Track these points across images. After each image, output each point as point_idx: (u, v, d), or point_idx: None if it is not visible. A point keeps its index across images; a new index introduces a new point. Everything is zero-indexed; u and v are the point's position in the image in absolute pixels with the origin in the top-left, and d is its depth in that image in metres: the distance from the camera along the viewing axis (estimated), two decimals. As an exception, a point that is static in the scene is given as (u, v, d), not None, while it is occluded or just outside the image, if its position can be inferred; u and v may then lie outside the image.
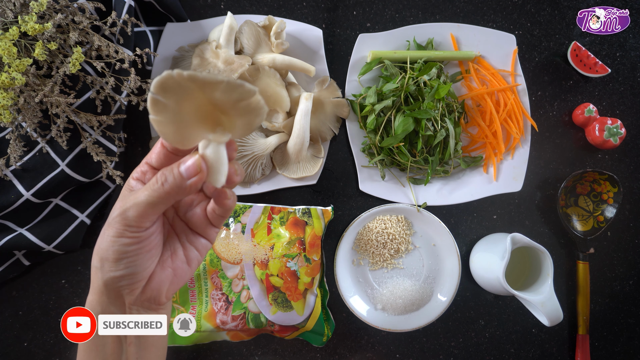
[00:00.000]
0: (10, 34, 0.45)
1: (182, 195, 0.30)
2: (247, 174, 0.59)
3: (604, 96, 0.66)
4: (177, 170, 0.29)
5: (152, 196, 0.29)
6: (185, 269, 0.34)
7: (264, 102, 0.27)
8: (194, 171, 0.29)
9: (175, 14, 0.60)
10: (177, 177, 0.29)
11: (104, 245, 0.30)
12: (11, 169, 0.54)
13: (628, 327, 0.65)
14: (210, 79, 0.26)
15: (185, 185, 0.29)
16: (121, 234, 0.30)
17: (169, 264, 0.33)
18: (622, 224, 0.66)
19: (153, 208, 0.30)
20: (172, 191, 0.29)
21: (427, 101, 0.57)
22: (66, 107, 0.51)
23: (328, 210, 0.60)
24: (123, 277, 0.31)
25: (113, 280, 0.31)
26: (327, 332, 0.59)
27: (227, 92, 0.26)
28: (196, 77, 0.26)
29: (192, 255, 0.34)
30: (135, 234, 0.30)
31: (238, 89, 0.26)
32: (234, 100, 0.27)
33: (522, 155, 0.63)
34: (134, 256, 0.30)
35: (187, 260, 0.34)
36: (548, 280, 0.54)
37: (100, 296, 0.32)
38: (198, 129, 0.29)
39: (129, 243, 0.30)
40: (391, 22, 0.64)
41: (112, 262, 0.30)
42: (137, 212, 0.29)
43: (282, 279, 0.58)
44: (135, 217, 0.29)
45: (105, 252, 0.30)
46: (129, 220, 0.29)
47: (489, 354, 0.64)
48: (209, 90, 0.27)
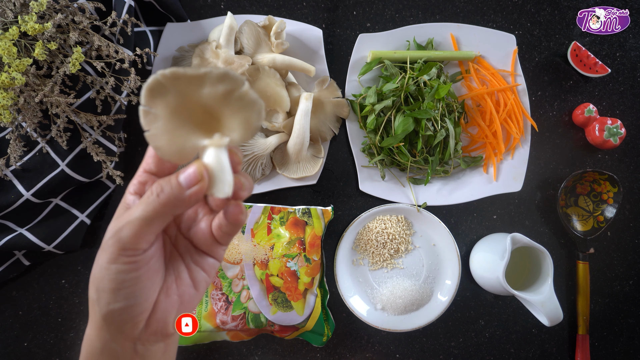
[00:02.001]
0: (10, 34, 0.45)
1: (181, 208, 0.26)
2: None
3: (604, 96, 0.66)
4: (175, 180, 0.26)
5: (147, 210, 0.25)
6: (192, 293, 0.30)
7: (257, 94, 0.25)
8: (195, 179, 0.26)
9: (175, 14, 0.60)
10: (174, 187, 0.26)
11: (99, 274, 0.26)
12: (11, 169, 0.54)
13: (628, 327, 0.65)
14: (193, 73, 0.24)
15: (184, 195, 0.26)
16: (115, 259, 0.26)
17: (173, 290, 0.29)
18: (622, 224, 0.66)
19: (149, 225, 0.26)
20: (169, 203, 0.26)
21: (427, 101, 0.57)
22: (66, 107, 0.51)
23: (328, 210, 0.60)
24: (123, 309, 0.27)
25: (112, 313, 0.27)
26: (327, 332, 0.59)
27: (213, 85, 0.25)
28: (178, 73, 0.24)
29: (199, 277, 0.30)
30: (132, 258, 0.26)
31: (224, 79, 0.24)
32: (223, 94, 0.25)
33: (522, 155, 0.63)
34: (133, 285, 0.26)
35: (194, 284, 0.30)
36: (548, 280, 0.54)
37: (100, 331, 0.28)
38: (194, 137, 0.26)
39: (126, 270, 0.26)
40: (391, 22, 0.64)
41: (109, 293, 0.26)
42: (132, 231, 0.25)
43: (282, 279, 0.58)
44: (130, 238, 0.25)
45: (100, 282, 0.26)
46: (123, 242, 0.25)
47: (489, 354, 0.64)
48: (195, 88, 0.25)
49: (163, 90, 0.25)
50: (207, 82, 0.25)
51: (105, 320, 0.27)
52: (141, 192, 0.29)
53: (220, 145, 0.26)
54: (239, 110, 0.26)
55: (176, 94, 0.25)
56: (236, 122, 0.26)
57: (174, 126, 0.26)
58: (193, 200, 0.26)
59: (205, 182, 0.26)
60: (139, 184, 0.29)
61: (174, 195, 0.26)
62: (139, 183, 0.29)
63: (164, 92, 0.25)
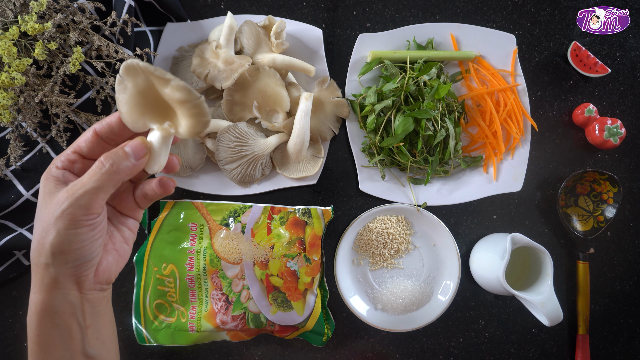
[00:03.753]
0: (10, 34, 0.45)
1: (129, 176, 0.32)
2: (247, 174, 0.59)
3: (604, 96, 0.66)
4: (122, 152, 0.31)
5: (102, 180, 0.30)
6: (126, 248, 0.37)
7: (208, 112, 0.30)
8: (142, 152, 0.32)
9: (175, 14, 0.60)
10: (123, 157, 0.31)
11: (56, 240, 0.30)
12: (11, 169, 0.54)
13: (628, 327, 0.65)
14: (159, 74, 0.29)
15: (132, 164, 0.31)
16: (77, 225, 0.30)
17: (111, 246, 0.35)
18: (622, 224, 0.66)
19: (105, 192, 0.31)
20: (121, 172, 0.31)
21: (427, 101, 0.57)
22: (66, 107, 0.51)
23: (328, 210, 0.60)
24: (81, 266, 0.32)
25: (70, 271, 0.31)
26: (327, 332, 0.59)
27: (173, 90, 0.29)
28: (149, 69, 0.29)
29: (127, 234, 0.37)
30: (91, 221, 0.31)
31: (182, 90, 0.29)
32: (179, 100, 0.29)
33: (522, 155, 0.63)
34: (90, 244, 0.32)
35: (125, 240, 0.37)
36: (548, 280, 0.54)
37: (51, 293, 0.32)
38: (149, 116, 0.32)
39: (87, 232, 0.31)
40: (391, 22, 0.64)
41: (68, 254, 0.31)
42: (90, 199, 0.30)
43: (282, 279, 0.58)
44: (90, 205, 0.30)
45: (59, 246, 0.30)
46: (84, 209, 0.30)
47: (489, 354, 0.64)
48: (159, 84, 0.29)
49: (135, 73, 0.30)
50: (169, 86, 0.29)
51: (60, 281, 0.32)
52: (70, 168, 0.33)
53: (166, 133, 0.32)
54: (189, 116, 0.30)
55: (145, 80, 0.30)
56: (184, 122, 0.31)
57: (136, 101, 0.31)
58: (138, 169, 0.32)
59: (148, 156, 0.32)
60: (67, 161, 0.33)
61: (124, 165, 0.31)
62: (67, 161, 0.33)
63: (135, 74, 0.30)
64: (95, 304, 0.34)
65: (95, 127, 0.33)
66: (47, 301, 0.32)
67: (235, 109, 0.58)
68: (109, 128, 0.33)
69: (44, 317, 0.32)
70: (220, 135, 0.56)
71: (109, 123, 0.33)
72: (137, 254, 0.59)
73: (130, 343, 0.60)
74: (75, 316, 0.33)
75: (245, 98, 0.58)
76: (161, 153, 0.32)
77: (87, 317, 0.34)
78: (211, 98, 0.62)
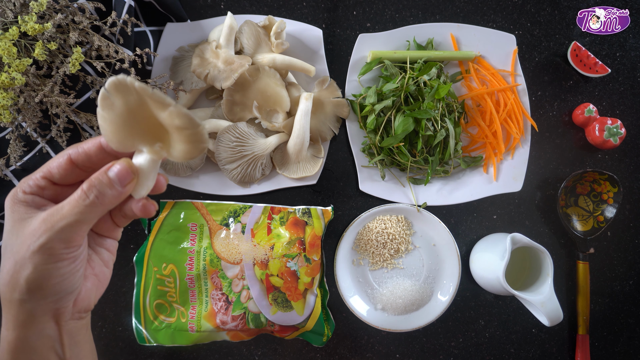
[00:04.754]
0: (10, 34, 0.45)
1: (114, 205, 0.29)
2: (247, 174, 0.59)
3: (604, 96, 0.66)
4: (106, 179, 0.28)
5: (85, 212, 0.28)
6: (106, 271, 0.34)
7: (207, 138, 0.27)
8: (128, 177, 0.28)
9: (175, 14, 0.60)
10: (108, 185, 0.28)
11: (33, 275, 0.28)
12: (11, 169, 0.54)
13: (628, 327, 0.65)
14: (159, 99, 0.25)
15: (118, 192, 0.28)
16: (56, 258, 0.28)
17: (90, 271, 0.33)
18: (622, 224, 0.66)
19: (88, 225, 0.28)
20: (106, 203, 0.28)
21: (427, 101, 0.57)
22: (66, 107, 0.51)
23: (328, 210, 0.60)
24: (60, 299, 0.29)
25: (49, 306, 0.29)
26: (327, 332, 0.59)
27: (172, 116, 0.26)
28: (146, 91, 0.25)
29: (106, 257, 0.34)
30: (72, 254, 0.28)
31: (183, 118, 0.26)
32: (177, 127, 0.26)
33: (522, 155, 0.63)
34: (70, 276, 0.29)
35: (104, 263, 0.34)
36: (548, 280, 0.54)
37: (27, 330, 0.29)
38: (138, 137, 0.28)
39: (67, 265, 0.28)
40: (391, 22, 0.64)
41: (46, 290, 0.28)
42: (72, 232, 0.28)
43: (282, 279, 0.58)
44: (71, 238, 0.28)
45: (36, 282, 0.28)
46: (64, 242, 0.28)
47: (489, 354, 0.64)
48: (155, 108, 0.26)
49: (126, 91, 0.26)
50: (167, 111, 0.26)
51: (39, 313, 0.29)
52: (39, 194, 0.30)
53: (157, 155, 0.28)
54: (186, 142, 0.27)
55: (138, 100, 0.26)
56: (179, 147, 0.27)
57: (125, 120, 0.27)
58: (123, 197, 0.29)
59: (135, 182, 0.29)
60: (36, 187, 0.30)
61: (110, 194, 0.28)
62: (36, 186, 0.30)
63: (127, 92, 0.26)
64: (74, 334, 0.32)
65: (70, 153, 0.30)
66: (23, 338, 0.30)
67: (235, 109, 0.58)
68: (86, 156, 0.30)
69: (19, 355, 0.30)
70: (220, 135, 0.56)
71: (86, 151, 0.30)
72: (137, 254, 0.59)
73: (130, 343, 0.60)
74: (54, 349, 0.31)
75: (245, 98, 0.58)
76: (150, 177, 0.29)
77: (67, 350, 0.31)
78: (211, 98, 0.62)
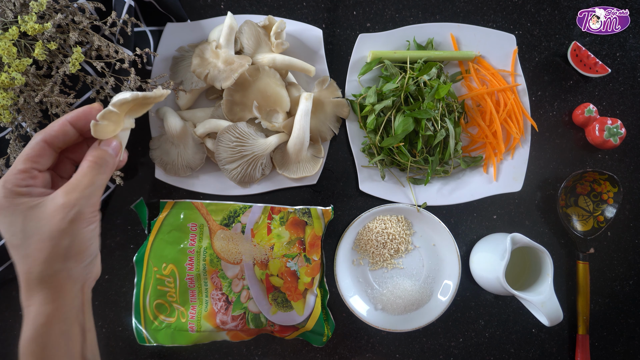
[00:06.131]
0: (10, 34, 0.45)
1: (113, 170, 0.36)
2: (247, 174, 0.59)
3: (604, 96, 0.66)
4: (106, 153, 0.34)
5: (100, 179, 0.34)
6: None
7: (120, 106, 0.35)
8: (119, 149, 0.36)
9: (175, 14, 0.60)
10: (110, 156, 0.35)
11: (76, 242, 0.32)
12: (11, 169, 0.54)
13: (628, 327, 0.65)
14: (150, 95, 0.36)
15: (116, 160, 0.35)
16: (90, 222, 0.33)
17: None
18: (622, 224, 0.66)
19: (101, 188, 0.34)
20: (109, 169, 0.35)
21: (427, 101, 0.57)
22: (66, 107, 0.51)
23: (328, 210, 0.60)
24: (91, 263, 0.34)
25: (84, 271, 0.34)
26: (327, 332, 0.59)
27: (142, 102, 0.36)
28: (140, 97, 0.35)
29: None
30: (97, 217, 0.34)
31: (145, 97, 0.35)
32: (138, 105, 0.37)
33: (522, 155, 0.63)
34: (96, 239, 0.34)
35: None
36: (548, 280, 0.54)
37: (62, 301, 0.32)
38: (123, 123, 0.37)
39: (95, 227, 0.34)
40: (391, 22, 0.64)
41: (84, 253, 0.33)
42: (96, 196, 0.33)
43: (282, 279, 0.58)
44: (95, 202, 0.33)
45: (77, 247, 0.32)
46: (91, 206, 0.33)
47: (489, 354, 0.64)
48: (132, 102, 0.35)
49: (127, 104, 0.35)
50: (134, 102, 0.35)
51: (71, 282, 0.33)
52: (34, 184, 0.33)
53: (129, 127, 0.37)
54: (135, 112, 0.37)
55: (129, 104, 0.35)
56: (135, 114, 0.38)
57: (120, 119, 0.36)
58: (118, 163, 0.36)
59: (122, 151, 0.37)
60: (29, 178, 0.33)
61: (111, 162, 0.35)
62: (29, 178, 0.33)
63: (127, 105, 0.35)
64: (88, 305, 0.35)
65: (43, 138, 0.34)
66: (57, 310, 0.32)
67: (235, 109, 0.58)
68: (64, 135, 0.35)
69: (53, 327, 0.32)
70: (220, 135, 0.56)
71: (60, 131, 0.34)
72: (137, 254, 0.59)
73: (130, 343, 0.60)
74: (78, 319, 0.34)
75: (245, 98, 0.58)
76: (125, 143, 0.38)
77: (87, 319, 0.35)
78: (211, 98, 0.62)
